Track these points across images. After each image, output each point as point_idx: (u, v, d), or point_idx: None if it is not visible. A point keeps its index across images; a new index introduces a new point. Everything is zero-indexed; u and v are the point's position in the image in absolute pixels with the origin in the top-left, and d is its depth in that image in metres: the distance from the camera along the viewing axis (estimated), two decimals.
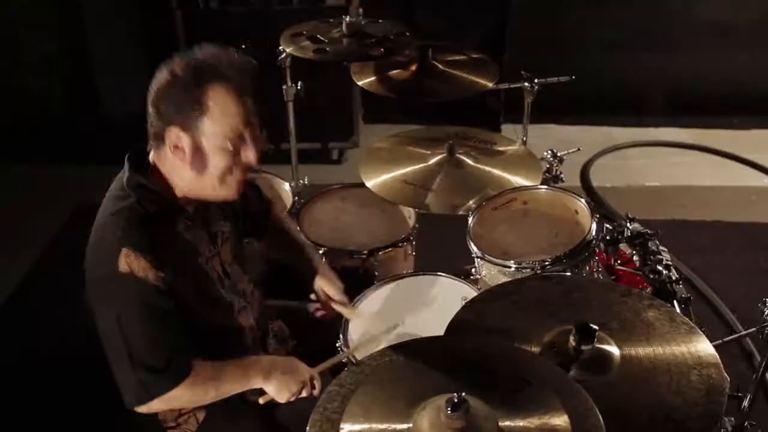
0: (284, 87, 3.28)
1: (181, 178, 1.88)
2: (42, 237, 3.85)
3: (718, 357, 1.68)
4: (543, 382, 1.51)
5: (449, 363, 1.59)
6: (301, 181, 3.52)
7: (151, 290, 1.80)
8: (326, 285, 2.28)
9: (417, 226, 2.91)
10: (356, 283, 2.51)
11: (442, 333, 1.78)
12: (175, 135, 1.81)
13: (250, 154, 1.85)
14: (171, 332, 1.85)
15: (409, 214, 2.96)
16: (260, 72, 1.89)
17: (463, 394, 1.39)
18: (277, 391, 1.95)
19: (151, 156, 1.90)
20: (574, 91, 4.07)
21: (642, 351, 1.69)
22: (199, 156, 1.82)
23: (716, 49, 4.84)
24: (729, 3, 4.83)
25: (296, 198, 3.07)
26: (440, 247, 2.98)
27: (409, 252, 2.89)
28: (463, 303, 1.95)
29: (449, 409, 1.37)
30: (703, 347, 1.70)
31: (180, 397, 1.88)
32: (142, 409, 1.87)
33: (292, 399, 1.96)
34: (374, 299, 2.46)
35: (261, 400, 1.97)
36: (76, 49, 4.62)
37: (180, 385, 1.84)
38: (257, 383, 1.95)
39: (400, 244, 2.82)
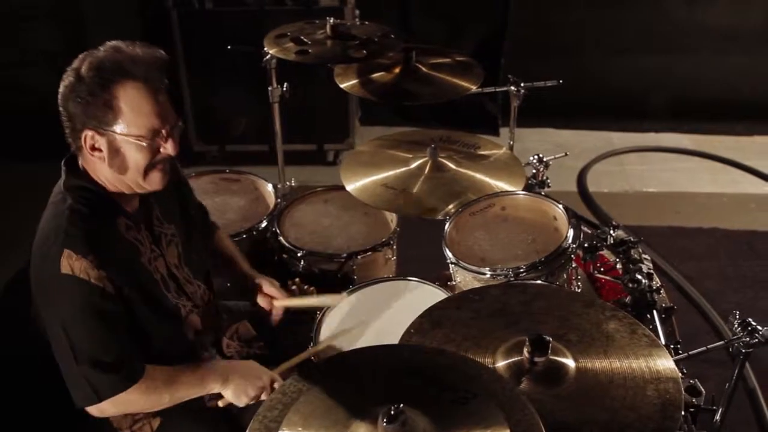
0: (270, 88, 3.26)
1: (105, 176, 1.87)
2: None
3: (677, 371, 1.64)
4: (489, 394, 1.48)
5: (398, 372, 1.56)
6: (288, 183, 3.49)
7: (93, 291, 1.78)
8: (269, 287, 2.28)
9: (398, 230, 2.88)
10: (334, 287, 2.50)
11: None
12: (90, 137, 1.80)
13: (168, 147, 1.84)
14: (117, 333, 1.83)
15: (392, 218, 2.93)
16: (168, 63, 1.87)
17: (401, 405, 1.36)
18: (235, 395, 1.93)
19: (79, 159, 1.89)
20: (572, 95, 4.06)
21: (599, 364, 1.66)
22: (117, 156, 1.82)
23: (718, 53, 4.79)
24: (732, 8, 4.78)
25: (279, 200, 3.04)
26: (422, 252, 2.94)
27: (390, 256, 2.85)
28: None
29: (385, 421, 1.35)
30: (663, 361, 1.66)
31: (134, 402, 1.87)
32: (93, 411, 1.85)
33: (253, 402, 1.94)
34: (346, 303, 2.43)
35: (220, 403, 1.95)
36: (75, 47, 4.64)
37: (132, 388, 1.82)
38: (214, 388, 1.93)
39: (379, 249, 2.78)
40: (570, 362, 1.65)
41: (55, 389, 1.85)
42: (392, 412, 1.35)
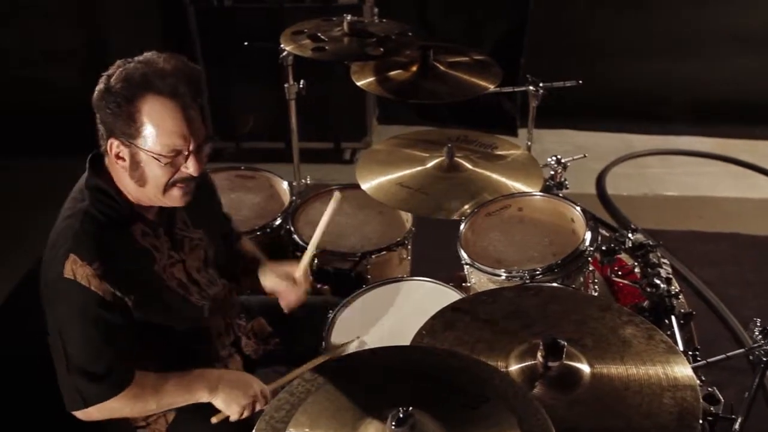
0: (286, 85, 3.24)
1: (126, 186, 1.85)
2: None
3: (695, 379, 1.59)
4: (502, 399, 1.44)
5: (408, 374, 1.53)
6: (303, 181, 3.47)
7: (92, 299, 1.76)
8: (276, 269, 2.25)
9: (414, 230, 2.85)
10: (347, 286, 2.49)
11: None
12: (116, 145, 1.78)
13: (190, 167, 1.81)
14: (111, 342, 1.80)
15: (407, 217, 2.90)
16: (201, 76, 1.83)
17: (411, 408, 1.33)
18: (225, 405, 1.91)
19: (105, 160, 1.87)
20: (592, 96, 4.01)
21: (614, 370, 1.62)
22: (138, 169, 1.79)
23: (740, 56, 4.71)
24: (753, 10, 4.69)
25: (293, 198, 3.02)
26: (437, 253, 2.91)
27: (404, 256, 2.83)
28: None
29: (393, 424, 1.32)
30: (681, 368, 1.61)
31: (120, 409, 1.85)
32: (80, 415, 1.84)
33: (246, 414, 1.91)
34: (359, 303, 2.40)
35: (214, 419, 1.93)
36: (93, 43, 4.67)
37: (117, 396, 1.81)
38: (202, 397, 1.92)
39: (393, 248, 2.76)
40: (585, 367, 1.61)
41: None
42: (401, 415, 1.32)
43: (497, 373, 1.54)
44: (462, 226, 2.50)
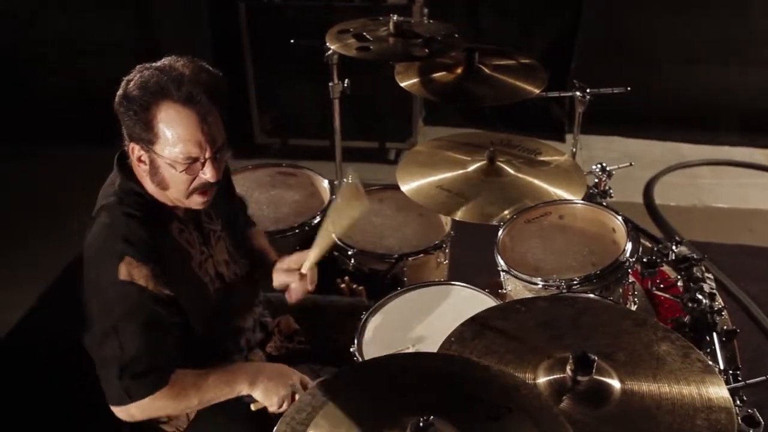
0: (330, 84, 3.24)
1: (149, 187, 1.87)
2: None
3: (731, 401, 1.54)
4: (526, 411, 1.41)
5: (432, 382, 1.51)
6: (345, 179, 3.45)
7: (150, 298, 1.79)
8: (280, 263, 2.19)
9: (453, 234, 2.82)
10: (383, 288, 2.47)
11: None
12: (137, 149, 1.80)
13: (207, 173, 1.81)
14: (163, 341, 1.83)
15: (446, 221, 2.88)
16: (223, 84, 1.82)
17: (431, 417, 1.31)
18: (264, 396, 1.91)
19: (129, 161, 1.89)
20: (643, 103, 3.93)
21: (646, 387, 1.57)
22: (158, 174, 1.81)
23: None
24: None
25: (333, 196, 3.01)
26: (476, 257, 2.87)
27: (442, 260, 2.80)
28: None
29: None
30: (716, 389, 1.56)
31: (163, 408, 1.87)
32: (121, 414, 1.85)
33: (285, 406, 1.91)
34: (393, 306, 2.38)
35: (253, 407, 1.93)
36: (146, 38, 4.74)
37: (157, 393, 1.82)
38: (242, 390, 1.92)
39: (431, 251, 2.74)
40: (615, 383, 1.57)
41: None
42: (421, 424, 1.30)
43: (523, 384, 1.51)
44: (500, 232, 2.47)
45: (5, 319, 3.42)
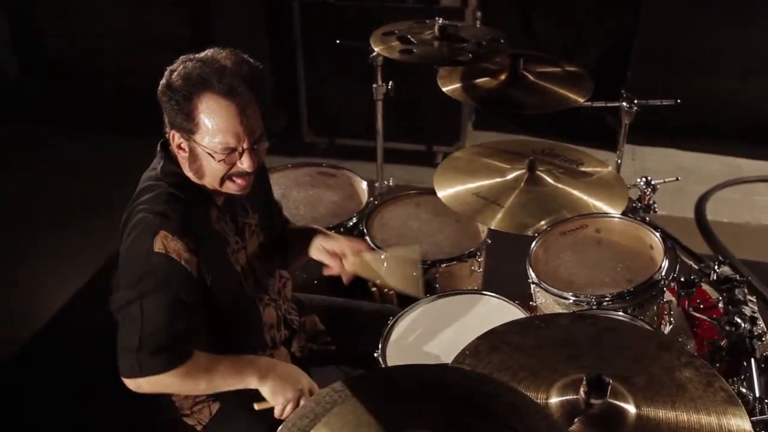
0: (374, 86, 3.23)
1: (188, 174, 1.91)
2: None
3: None
4: None
5: (439, 395, 1.47)
6: (386, 182, 3.45)
7: (180, 272, 1.82)
8: (325, 241, 2.21)
9: (489, 242, 2.78)
10: None
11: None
12: (177, 137, 1.85)
13: (244, 163, 1.85)
14: (183, 318, 1.85)
15: (483, 229, 2.83)
16: (263, 75, 1.85)
17: None
18: (271, 393, 1.91)
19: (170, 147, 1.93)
20: (699, 114, 3.80)
21: (663, 414, 1.50)
22: (196, 162, 1.86)
23: None
24: None
25: (371, 198, 3.00)
26: (511, 268, 2.82)
27: (475, 268, 2.77)
28: None
29: None
30: (738, 422, 1.49)
31: (170, 385, 1.89)
32: (130, 384, 1.88)
33: (289, 410, 1.91)
34: (421, 312, 2.36)
35: (257, 406, 1.94)
36: (203, 35, 4.81)
37: (171, 371, 1.84)
38: (251, 383, 1.92)
39: (464, 259, 2.71)
40: (631, 408, 1.51)
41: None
42: None
43: (533, 404, 1.46)
44: (534, 244, 2.42)
45: (50, 304, 3.50)
